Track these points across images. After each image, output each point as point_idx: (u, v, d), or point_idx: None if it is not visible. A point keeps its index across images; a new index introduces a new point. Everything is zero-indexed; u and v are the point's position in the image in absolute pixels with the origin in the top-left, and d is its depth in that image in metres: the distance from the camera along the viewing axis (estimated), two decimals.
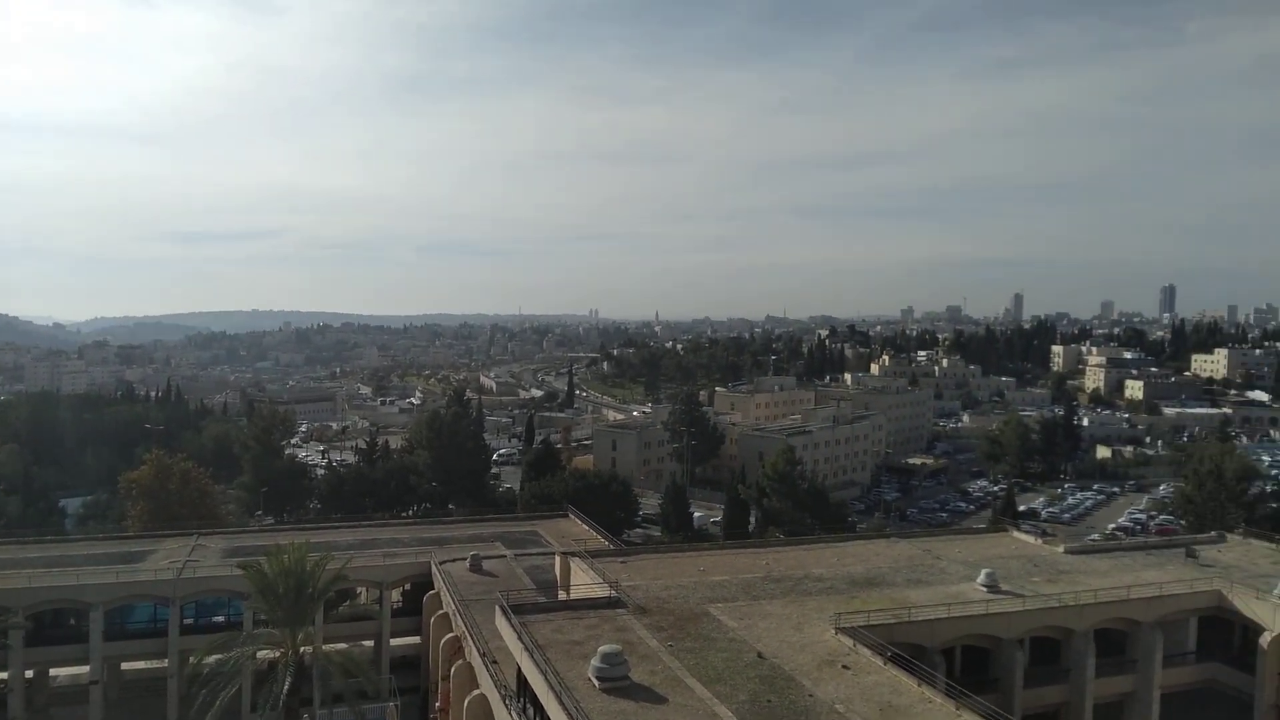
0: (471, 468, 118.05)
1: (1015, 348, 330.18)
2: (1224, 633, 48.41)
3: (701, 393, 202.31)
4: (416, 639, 59.51)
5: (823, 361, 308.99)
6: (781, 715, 30.13)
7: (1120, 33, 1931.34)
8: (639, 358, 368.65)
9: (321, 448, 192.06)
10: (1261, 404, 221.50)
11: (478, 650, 42.12)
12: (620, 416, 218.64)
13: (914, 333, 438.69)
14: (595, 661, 32.61)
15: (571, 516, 76.49)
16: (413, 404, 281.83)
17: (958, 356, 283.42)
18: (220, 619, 57.18)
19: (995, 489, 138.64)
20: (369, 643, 60.02)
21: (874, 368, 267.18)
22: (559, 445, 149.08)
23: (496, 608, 41.15)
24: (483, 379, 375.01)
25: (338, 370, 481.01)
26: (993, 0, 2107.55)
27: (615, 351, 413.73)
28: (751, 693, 31.94)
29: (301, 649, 42.53)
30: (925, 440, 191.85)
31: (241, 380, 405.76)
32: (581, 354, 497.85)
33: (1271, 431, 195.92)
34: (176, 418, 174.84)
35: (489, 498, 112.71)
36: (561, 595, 49.72)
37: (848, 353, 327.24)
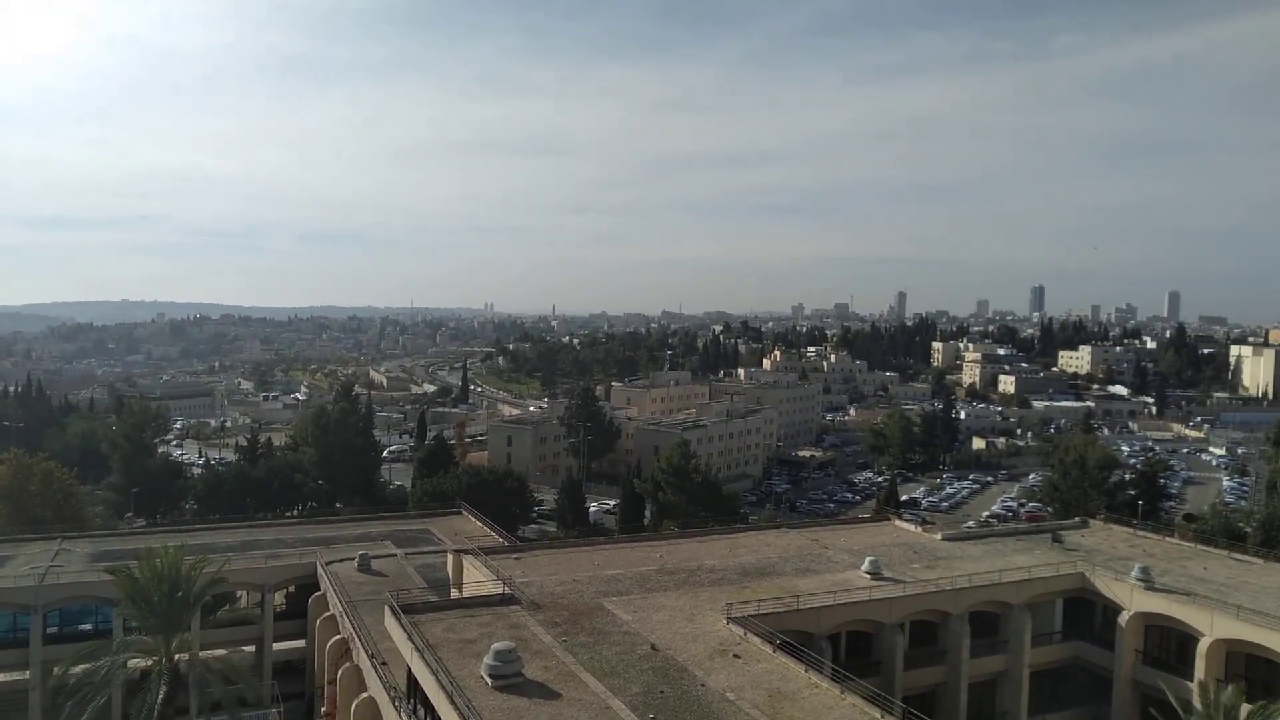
0: (360, 465, 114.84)
1: (899, 344, 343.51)
2: (1087, 612, 51.61)
3: (598, 387, 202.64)
4: (301, 642, 57.51)
5: (717, 357, 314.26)
6: (673, 706, 30.44)
7: (992, 45, 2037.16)
8: (535, 352, 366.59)
9: (199, 446, 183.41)
10: (1121, 398, 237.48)
11: (366, 652, 40.99)
12: (516, 412, 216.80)
13: (804, 329, 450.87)
14: (488, 659, 32.20)
15: (465, 514, 75.37)
16: (298, 399, 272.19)
17: (845, 352, 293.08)
18: (88, 627, 53.79)
19: (880, 480, 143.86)
20: (250, 648, 57.63)
21: (766, 363, 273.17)
22: (452, 441, 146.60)
23: (386, 608, 40.16)
24: (373, 374, 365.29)
25: (216, 364, 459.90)
26: (872, 9, 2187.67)
27: (511, 346, 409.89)
28: (645, 685, 32.17)
29: (177, 656, 40.61)
30: (814, 433, 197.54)
31: (110, 375, 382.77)
32: (476, 348, 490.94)
33: (1130, 423, 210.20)
34: (38, 414, 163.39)
35: (379, 496, 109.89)
36: (454, 594, 48.87)
37: (741, 348, 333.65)
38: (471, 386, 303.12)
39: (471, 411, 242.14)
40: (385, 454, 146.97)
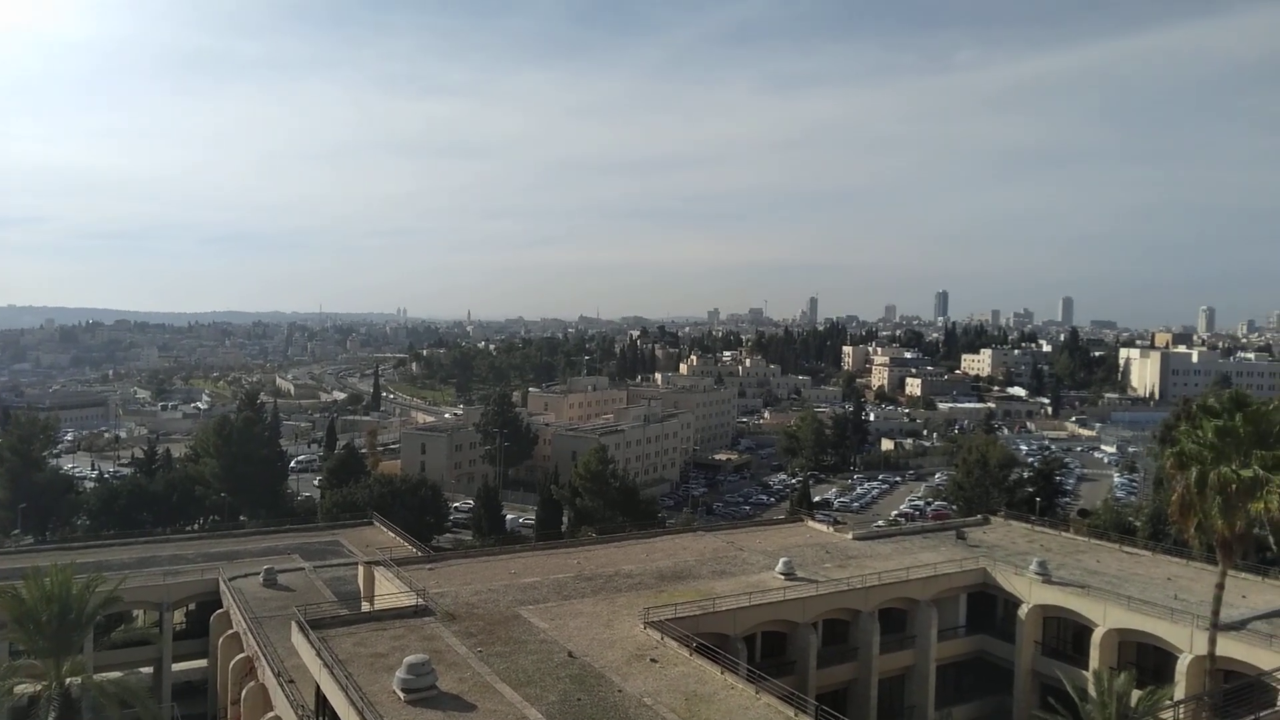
0: (266, 476, 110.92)
1: (811, 348, 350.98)
2: (989, 606, 53.57)
3: (515, 393, 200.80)
4: (203, 662, 55.32)
5: (634, 361, 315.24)
6: (590, 713, 30.31)
7: (897, 58, 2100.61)
8: (450, 358, 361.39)
9: (91, 458, 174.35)
10: (1020, 399, 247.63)
11: (272, 670, 39.67)
12: (430, 419, 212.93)
13: (720, 334, 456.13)
14: (400, 673, 31.49)
15: (377, 524, 73.71)
16: (199, 409, 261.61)
17: (759, 356, 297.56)
18: None
19: (793, 481, 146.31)
20: (148, 669, 55.17)
21: (683, 367, 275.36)
22: (363, 450, 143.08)
23: (293, 623, 38.86)
24: (279, 381, 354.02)
25: (110, 372, 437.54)
26: (781, 20, 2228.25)
27: (425, 352, 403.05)
28: (562, 693, 31.95)
29: (68, 680, 38.50)
30: (730, 437, 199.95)
31: None
32: (389, 354, 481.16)
33: (1028, 423, 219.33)
34: None
35: (285, 507, 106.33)
36: (365, 607, 47.67)
37: (658, 353, 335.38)
38: (384, 394, 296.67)
39: (383, 419, 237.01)
40: (292, 464, 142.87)
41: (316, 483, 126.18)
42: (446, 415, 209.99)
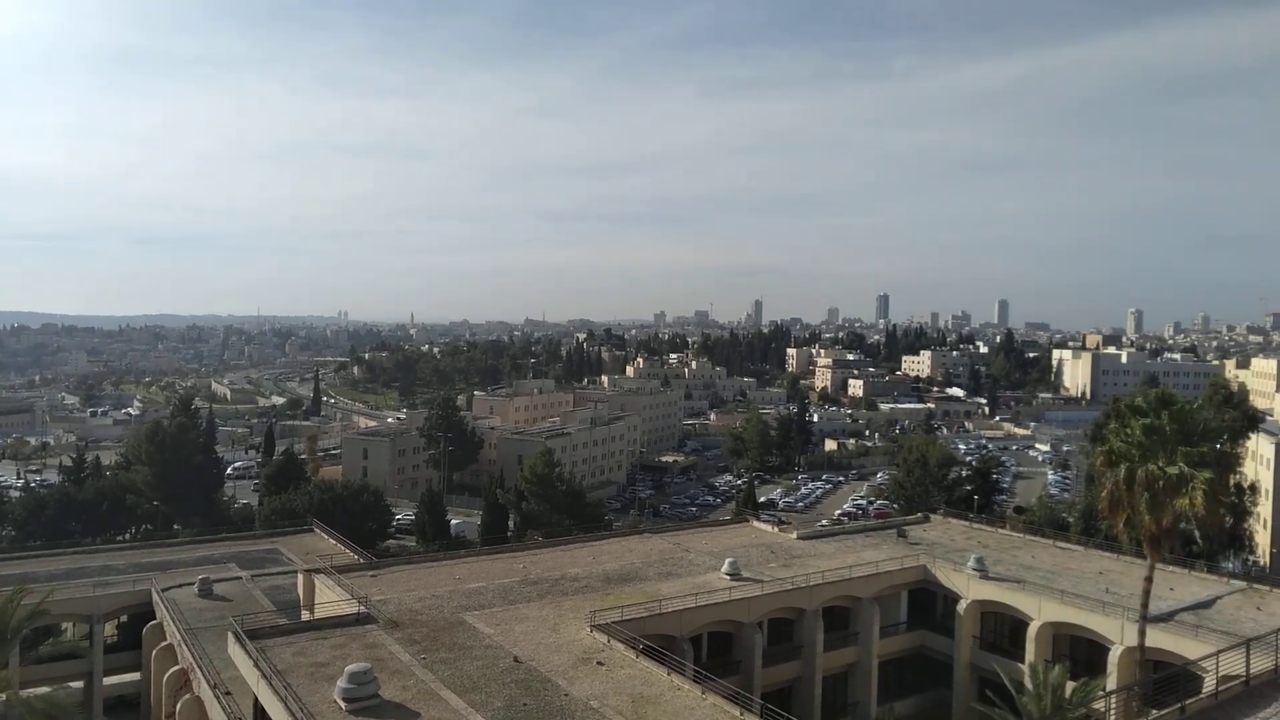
0: (201, 483, 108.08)
1: (756, 350, 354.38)
2: (929, 602, 54.65)
3: (460, 397, 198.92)
4: (136, 675, 53.71)
5: (581, 364, 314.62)
6: (537, 717, 30.10)
7: (839, 65, 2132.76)
8: (393, 362, 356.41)
9: (16, 466, 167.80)
10: (958, 399, 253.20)
11: (208, 682, 38.64)
12: (372, 423, 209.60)
13: (666, 336, 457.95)
14: (342, 682, 30.89)
15: (317, 531, 72.33)
16: (130, 415, 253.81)
17: (705, 359, 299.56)
18: None
19: (739, 482, 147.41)
20: (78, 684, 53.27)
21: (629, 370, 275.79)
22: (303, 455, 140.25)
23: (229, 634, 37.90)
24: (215, 386, 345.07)
25: (37, 378, 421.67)
26: (725, 26, 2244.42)
27: (367, 355, 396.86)
28: (507, 698, 31.68)
29: None
30: (677, 438, 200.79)
31: None
32: (329, 358, 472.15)
33: (966, 423, 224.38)
34: None
35: (222, 515, 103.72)
36: (305, 616, 46.70)
37: (605, 355, 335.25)
38: (324, 398, 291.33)
39: (324, 424, 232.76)
40: (229, 471, 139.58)
41: (254, 489, 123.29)
42: (389, 420, 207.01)
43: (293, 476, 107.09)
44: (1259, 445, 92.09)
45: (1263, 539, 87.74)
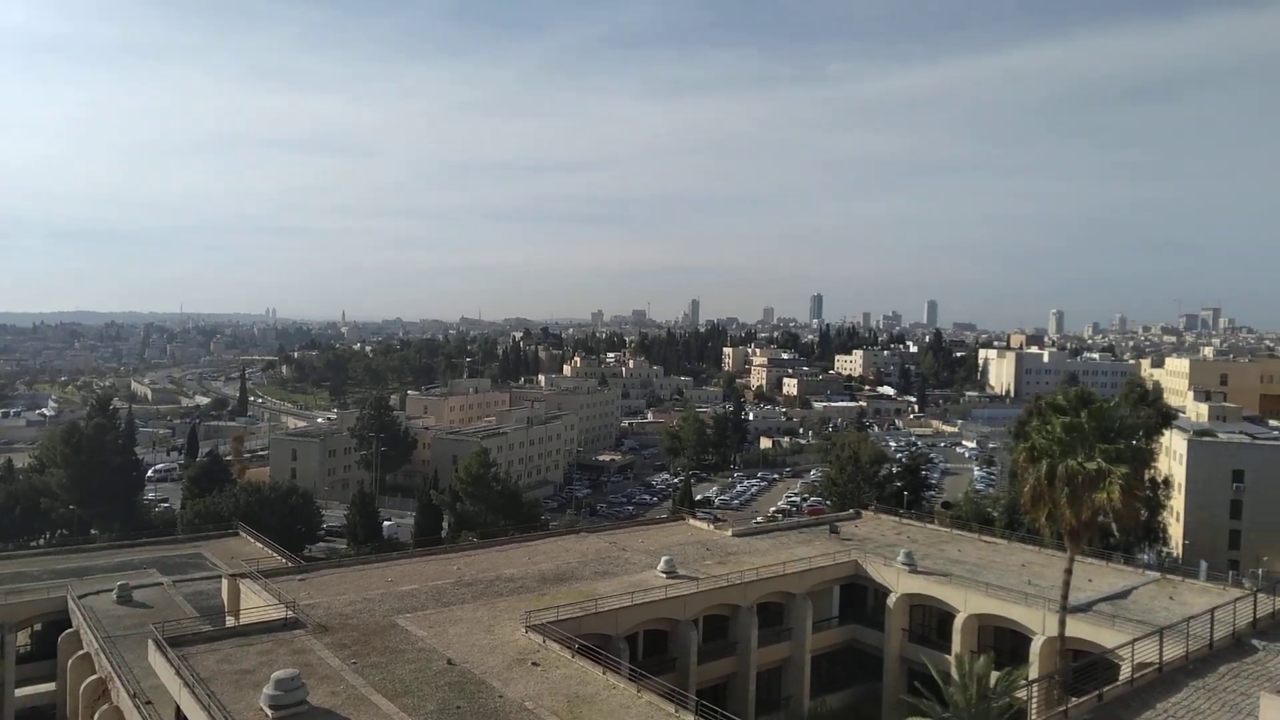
0: (120, 486, 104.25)
1: (693, 349, 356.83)
2: (860, 597, 55.67)
3: (393, 397, 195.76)
4: (51, 685, 51.54)
5: (518, 363, 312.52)
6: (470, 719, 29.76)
7: (777, 67, 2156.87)
8: (323, 360, 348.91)
9: None
10: (889, 397, 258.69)
11: (127, 691, 37.29)
12: (302, 424, 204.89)
13: (603, 335, 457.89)
14: (268, 689, 30.05)
15: (243, 535, 70.30)
16: (45, 415, 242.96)
17: (643, 358, 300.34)
18: None
19: (676, 480, 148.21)
20: None
21: (566, 369, 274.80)
22: (228, 457, 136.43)
23: (150, 641, 36.59)
24: (135, 385, 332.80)
25: None
26: (667, 25, 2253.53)
27: (296, 354, 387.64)
28: (440, 701, 31.23)
29: None
30: (614, 437, 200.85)
31: None
32: (257, 357, 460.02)
33: (896, 421, 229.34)
34: None
35: (142, 519, 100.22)
36: (230, 622, 45.36)
37: (541, 354, 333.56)
38: (251, 398, 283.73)
39: (251, 424, 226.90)
40: (150, 473, 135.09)
41: (178, 490, 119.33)
42: (319, 420, 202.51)
43: (217, 479, 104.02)
44: (1172, 441, 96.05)
45: (1175, 531, 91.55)
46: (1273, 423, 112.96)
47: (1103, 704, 25.21)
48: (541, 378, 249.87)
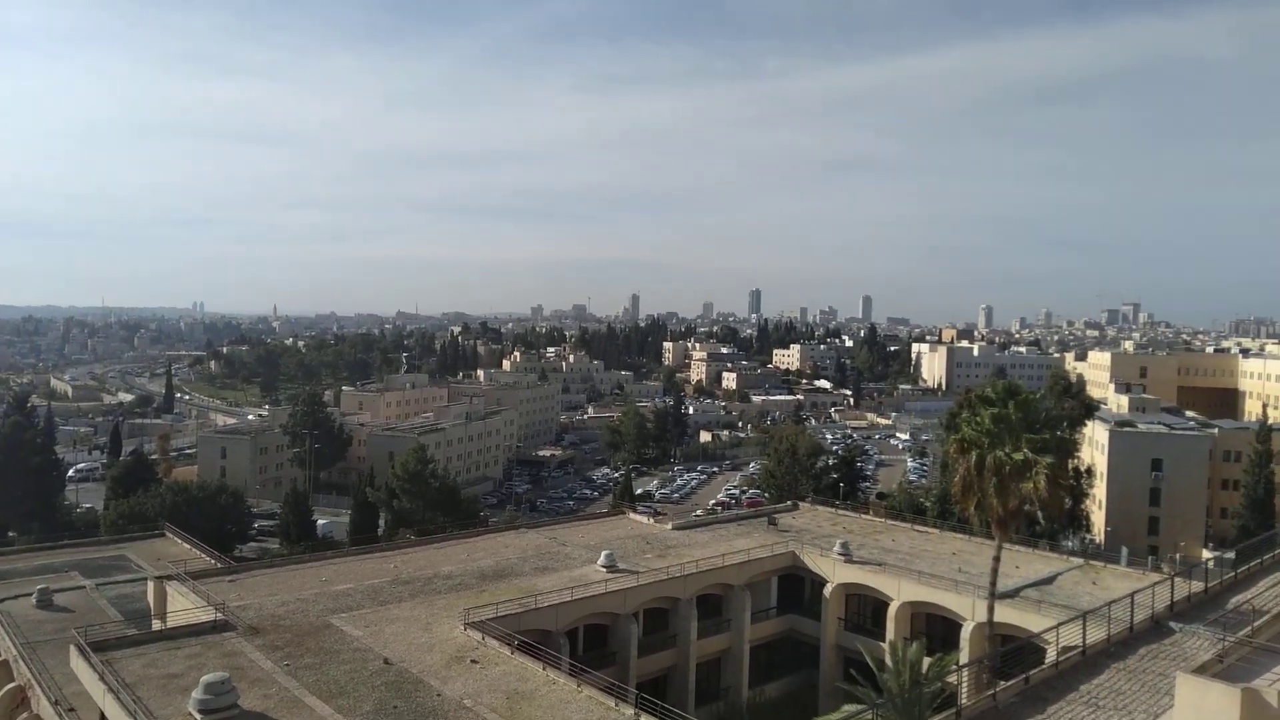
0: (38, 487, 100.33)
1: (633, 344, 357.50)
2: (798, 587, 56.48)
3: (327, 392, 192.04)
4: None
5: (456, 358, 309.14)
6: (408, 719, 29.40)
7: (712, 63, 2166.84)
8: (254, 356, 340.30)
9: None
10: (825, 391, 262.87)
11: (48, 698, 35.93)
12: (232, 421, 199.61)
13: (543, 330, 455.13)
14: (197, 694, 29.21)
15: (170, 535, 68.21)
16: None
17: (583, 352, 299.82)
18: None
19: (616, 475, 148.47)
20: None
21: (506, 364, 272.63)
22: (154, 456, 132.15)
23: (72, 647, 35.26)
24: (55, 382, 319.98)
25: None
26: (599, 19, 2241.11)
27: (225, 349, 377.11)
28: (377, 701, 30.77)
29: None
30: (554, 432, 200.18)
31: None
32: (184, 352, 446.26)
33: (833, 414, 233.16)
34: None
35: (63, 521, 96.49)
36: (157, 625, 43.97)
37: (480, 349, 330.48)
38: (178, 395, 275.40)
39: (178, 422, 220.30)
40: (70, 473, 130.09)
41: (100, 491, 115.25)
42: (250, 417, 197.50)
43: (142, 478, 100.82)
44: (1095, 432, 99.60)
45: (1098, 519, 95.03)
46: (1189, 414, 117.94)
47: (1029, 687, 26.01)
48: (480, 373, 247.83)
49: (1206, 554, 74.97)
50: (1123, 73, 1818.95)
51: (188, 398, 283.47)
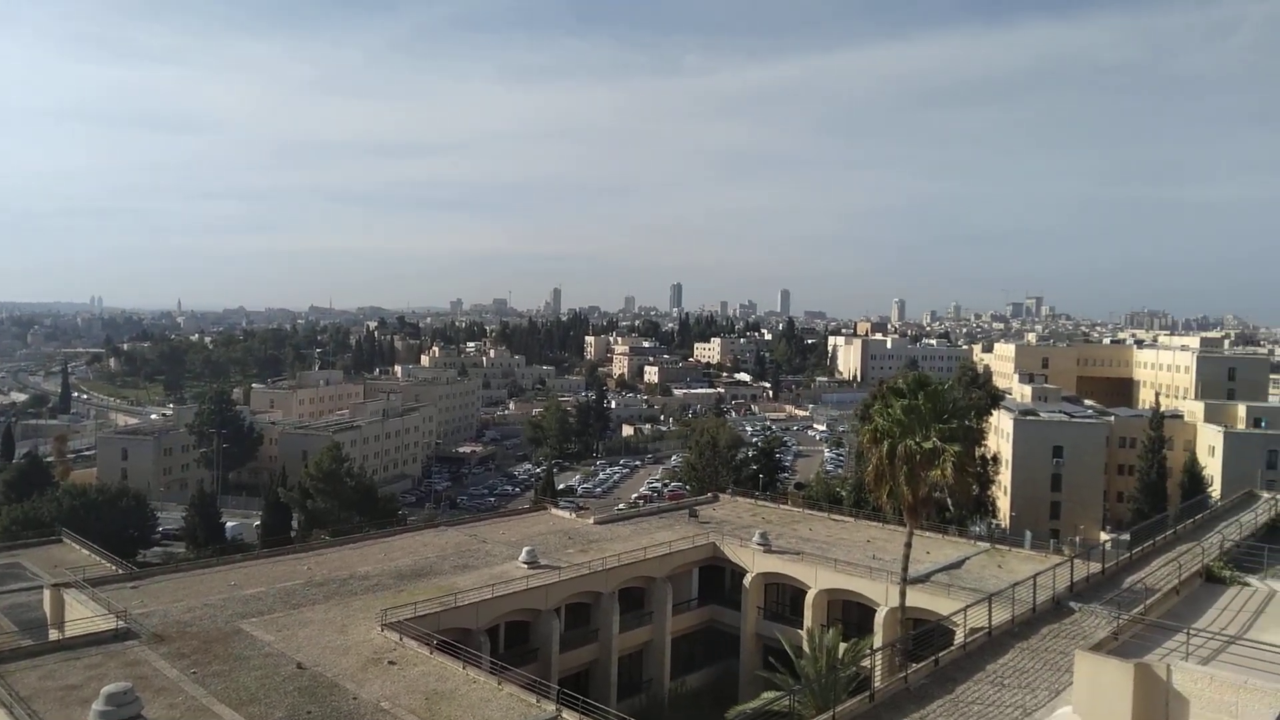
0: None
1: (555, 338, 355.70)
2: (718, 578, 57.18)
3: (236, 390, 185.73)
4: None
5: (372, 354, 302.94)
6: None
7: (632, 57, 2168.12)
8: (157, 353, 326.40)
9: None
10: (745, 383, 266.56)
11: None
12: (134, 421, 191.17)
13: (463, 324, 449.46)
14: (98, 705, 27.88)
15: (67, 541, 64.90)
16: None
17: (504, 347, 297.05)
18: None
19: (538, 470, 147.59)
20: None
21: (425, 359, 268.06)
22: (50, 458, 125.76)
23: None
24: None
25: None
26: (519, 9, 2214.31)
27: (126, 346, 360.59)
28: (290, 707, 29.93)
29: None
30: (475, 428, 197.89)
31: None
32: (81, 349, 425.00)
33: (753, 406, 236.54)
34: None
35: None
36: (54, 635, 41.82)
37: (398, 344, 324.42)
38: (75, 394, 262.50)
39: (75, 423, 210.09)
40: None
41: None
42: (153, 416, 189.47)
43: (37, 482, 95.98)
44: (1000, 420, 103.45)
45: (1004, 504, 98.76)
46: (1088, 402, 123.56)
47: (939, 668, 26.86)
48: (398, 368, 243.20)
49: (1104, 536, 78.67)
50: (1026, 73, 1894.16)
51: (86, 397, 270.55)
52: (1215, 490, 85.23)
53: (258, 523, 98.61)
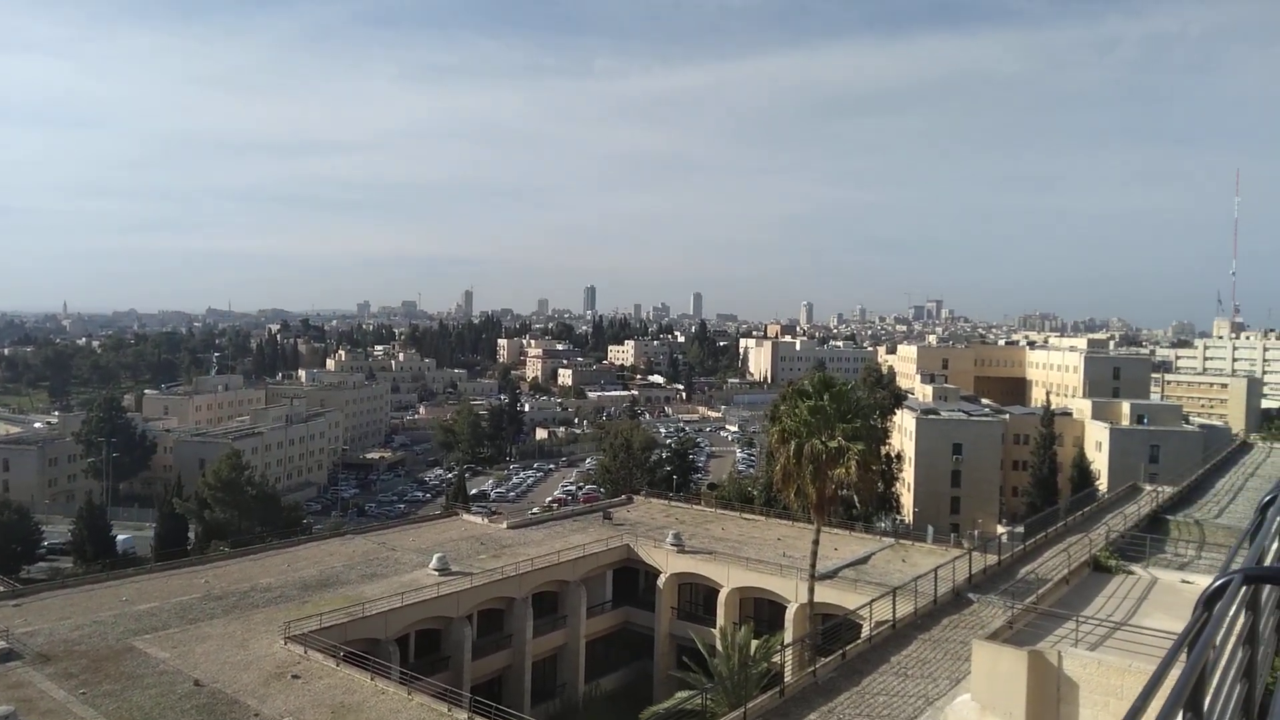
0: None
1: (467, 341, 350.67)
2: (633, 580, 57.35)
3: (127, 396, 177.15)
4: None
5: (274, 358, 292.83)
6: None
7: (543, 59, 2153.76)
8: (40, 357, 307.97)
9: None
10: (659, 385, 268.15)
11: None
12: (15, 429, 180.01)
13: (371, 327, 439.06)
14: None
15: None
16: None
17: (414, 350, 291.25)
18: None
19: (450, 475, 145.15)
20: None
21: (330, 363, 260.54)
22: None
23: None
24: None
25: None
26: (424, 7, 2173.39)
27: (7, 351, 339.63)
28: None
29: None
30: (384, 434, 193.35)
31: None
32: None
33: (666, 408, 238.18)
34: None
35: None
36: None
37: (302, 348, 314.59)
38: None
39: None
40: None
41: None
42: (37, 425, 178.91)
43: None
44: (903, 419, 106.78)
45: (907, 500, 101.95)
46: (985, 401, 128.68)
47: (846, 661, 27.56)
48: (302, 373, 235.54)
49: (1000, 529, 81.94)
50: (925, 85, 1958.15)
51: None
52: (1102, 483, 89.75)
53: (151, 535, 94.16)
